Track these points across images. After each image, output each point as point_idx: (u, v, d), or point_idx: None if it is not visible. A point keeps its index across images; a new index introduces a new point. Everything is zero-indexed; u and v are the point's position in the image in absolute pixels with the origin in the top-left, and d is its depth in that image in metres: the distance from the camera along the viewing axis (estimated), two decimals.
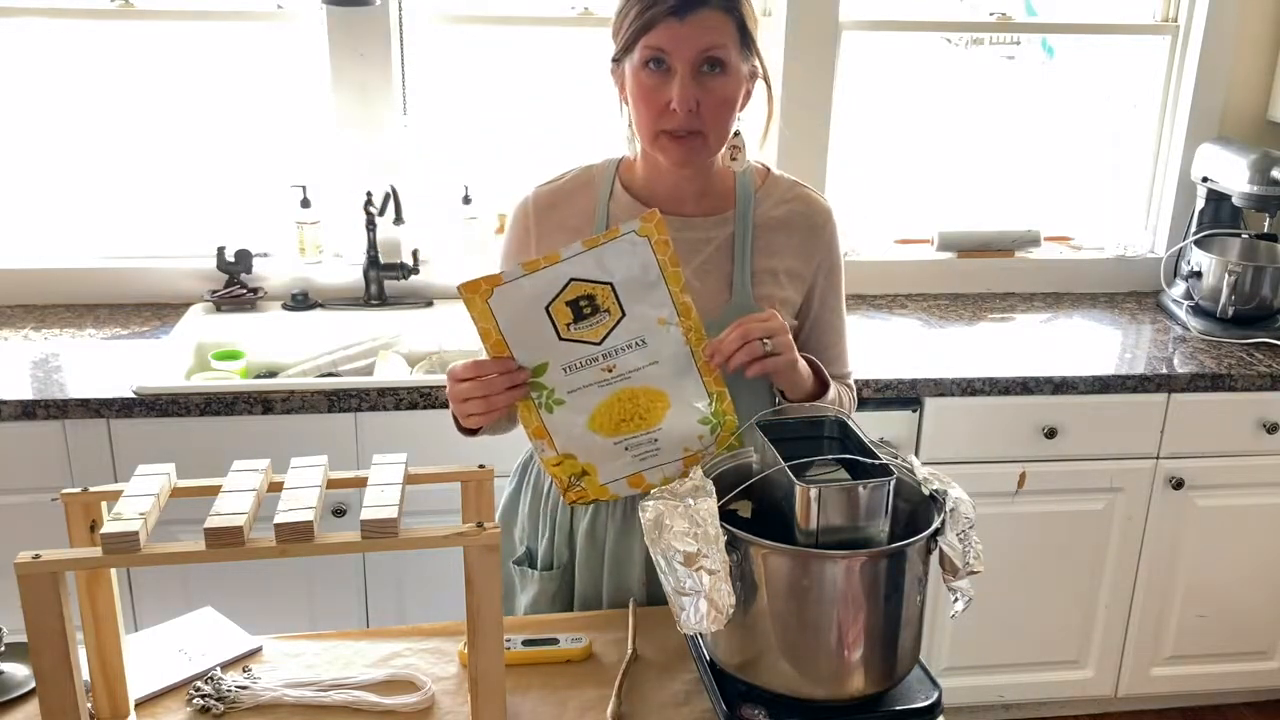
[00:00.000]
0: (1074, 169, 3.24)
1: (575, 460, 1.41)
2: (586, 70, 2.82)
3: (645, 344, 1.35)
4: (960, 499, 1.24)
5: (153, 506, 1.13)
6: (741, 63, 1.44)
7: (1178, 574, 2.70)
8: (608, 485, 1.43)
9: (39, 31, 2.71)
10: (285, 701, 1.31)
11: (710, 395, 1.38)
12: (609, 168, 1.58)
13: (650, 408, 1.38)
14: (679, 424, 1.39)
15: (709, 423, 1.40)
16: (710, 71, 1.41)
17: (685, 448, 1.41)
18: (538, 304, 1.31)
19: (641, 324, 1.34)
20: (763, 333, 1.36)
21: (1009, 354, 2.64)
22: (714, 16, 1.39)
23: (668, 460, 1.41)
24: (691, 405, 1.38)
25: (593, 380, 1.36)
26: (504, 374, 1.34)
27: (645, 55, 1.41)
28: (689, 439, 1.40)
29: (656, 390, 1.37)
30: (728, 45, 1.40)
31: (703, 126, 1.42)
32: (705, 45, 1.39)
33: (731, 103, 1.44)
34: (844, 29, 2.83)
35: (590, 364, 1.35)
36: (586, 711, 1.31)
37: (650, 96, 1.42)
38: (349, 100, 2.71)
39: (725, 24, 1.40)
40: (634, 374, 1.36)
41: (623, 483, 1.43)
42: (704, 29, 1.39)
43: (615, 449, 1.40)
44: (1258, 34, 2.95)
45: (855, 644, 1.20)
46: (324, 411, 2.29)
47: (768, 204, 1.56)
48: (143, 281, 2.77)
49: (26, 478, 2.26)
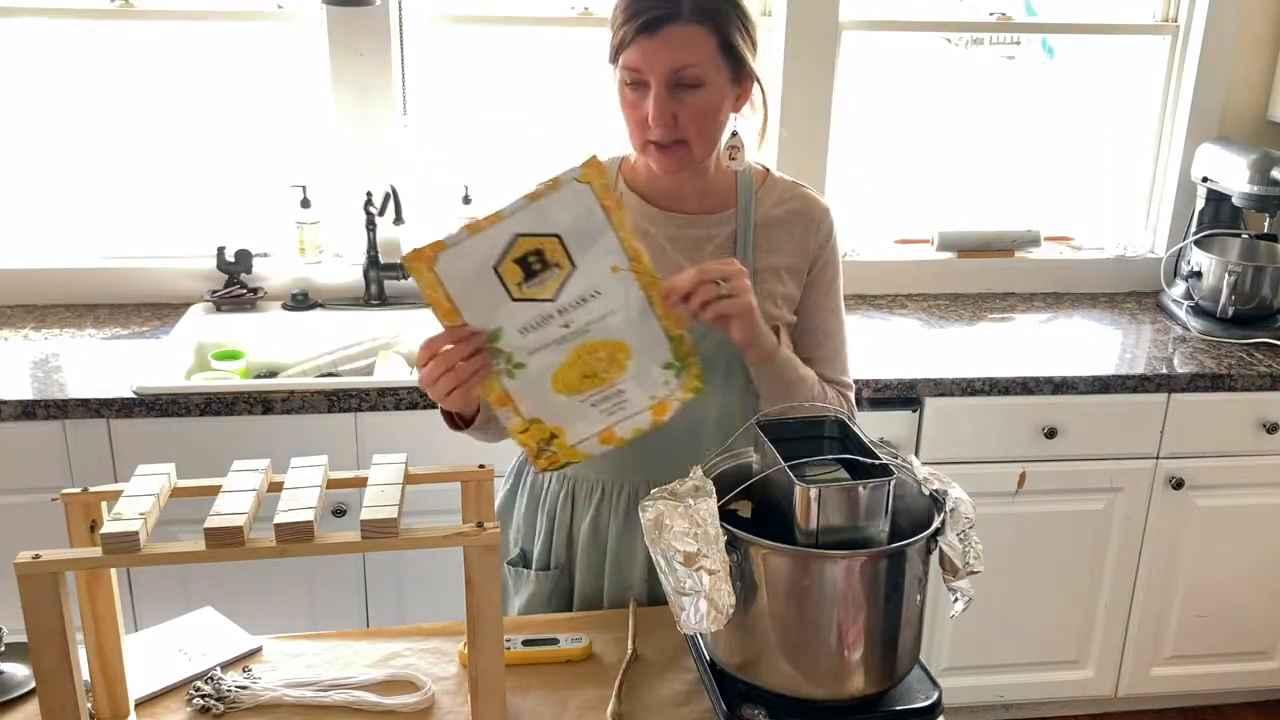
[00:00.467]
0: (1074, 169, 3.24)
1: (543, 424, 1.37)
2: (586, 70, 2.82)
3: (600, 294, 1.30)
4: (960, 499, 1.24)
5: (153, 506, 1.13)
6: (723, 74, 1.42)
7: (1178, 574, 2.70)
8: (578, 446, 1.38)
9: (39, 31, 2.71)
10: (285, 701, 1.31)
11: (671, 339, 1.34)
12: (612, 166, 1.58)
13: (612, 359, 1.34)
14: (643, 372, 1.35)
15: (672, 367, 1.36)
16: (685, 86, 1.40)
17: (652, 395, 1.37)
18: (486, 265, 1.26)
19: (593, 274, 1.29)
20: (719, 274, 1.34)
21: (1009, 354, 2.64)
22: (687, 31, 1.38)
23: (636, 411, 1.37)
24: (653, 351, 1.34)
25: (551, 339, 1.31)
26: (461, 342, 1.29)
27: (624, 74, 1.42)
28: (655, 386, 1.36)
29: (617, 341, 1.33)
30: (700, 60, 1.39)
31: (685, 136, 1.43)
32: (676, 63, 1.38)
33: (711, 113, 1.43)
34: (844, 29, 2.83)
35: (547, 322, 1.30)
36: (586, 711, 1.31)
37: (632, 110, 1.44)
38: (349, 100, 2.71)
39: (700, 37, 1.39)
40: (592, 327, 1.31)
41: (593, 441, 1.38)
42: (674, 45, 1.38)
43: (582, 407, 1.36)
44: (1258, 34, 2.95)
45: (855, 644, 1.20)
46: (324, 411, 2.29)
47: (768, 203, 1.56)
48: (143, 281, 2.77)
49: (26, 478, 2.26)
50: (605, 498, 1.58)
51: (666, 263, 1.53)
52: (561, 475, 1.60)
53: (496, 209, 1.26)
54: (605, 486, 1.58)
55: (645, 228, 1.54)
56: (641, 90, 1.42)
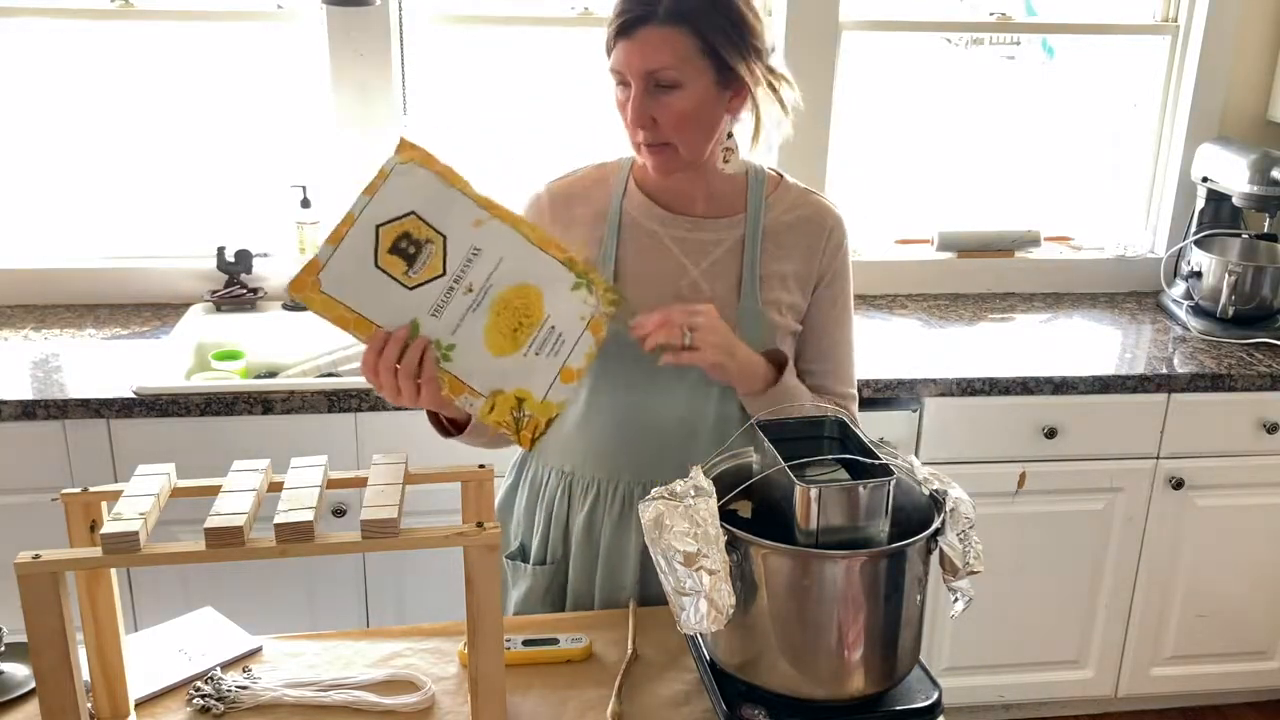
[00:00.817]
0: (1074, 169, 3.24)
1: (505, 393, 1.36)
2: (587, 70, 2.81)
3: (480, 250, 1.30)
4: (960, 499, 1.24)
5: (153, 506, 1.13)
6: (704, 75, 1.41)
7: (1178, 574, 2.70)
8: (547, 398, 1.37)
9: (39, 31, 2.71)
10: (285, 701, 1.31)
11: (563, 263, 1.34)
12: (623, 166, 1.58)
13: (529, 302, 1.33)
14: (561, 301, 1.35)
15: (581, 285, 1.35)
16: (661, 88, 1.40)
17: (581, 317, 1.36)
18: (366, 266, 1.27)
19: (464, 235, 1.29)
20: (685, 322, 1.35)
21: (1009, 354, 2.64)
22: (661, 33, 1.38)
23: (576, 337, 1.36)
24: (557, 279, 1.34)
25: (464, 308, 1.32)
26: (389, 346, 1.30)
27: (612, 76, 1.44)
28: (579, 309, 1.36)
29: (521, 284, 1.33)
30: (674, 62, 1.39)
31: (666, 138, 1.43)
32: (650, 64, 1.39)
33: (690, 115, 1.42)
34: (844, 29, 2.83)
35: (450, 295, 1.30)
36: (586, 711, 1.31)
37: (621, 112, 1.45)
38: (349, 100, 2.71)
39: (677, 39, 1.38)
40: (492, 280, 1.32)
41: (557, 385, 1.37)
42: (648, 46, 1.39)
43: (527, 359, 1.35)
44: (1258, 34, 2.95)
45: (855, 644, 1.20)
46: (324, 411, 2.29)
47: (778, 209, 1.56)
48: (143, 281, 2.77)
49: (26, 478, 2.26)
50: (600, 496, 1.58)
51: (673, 265, 1.53)
52: (559, 471, 1.61)
53: (344, 214, 1.27)
54: (601, 485, 1.58)
55: (653, 229, 1.54)
56: (628, 90, 1.43)
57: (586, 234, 1.55)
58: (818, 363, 1.59)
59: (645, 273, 1.53)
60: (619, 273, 1.53)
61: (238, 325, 2.69)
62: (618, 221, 1.54)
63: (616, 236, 1.54)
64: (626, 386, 1.52)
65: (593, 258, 1.53)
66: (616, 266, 1.53)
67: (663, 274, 1.52)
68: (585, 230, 1.55)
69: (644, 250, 1.53)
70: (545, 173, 1.62)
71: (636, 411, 1.53)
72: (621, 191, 1.56)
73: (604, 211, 1.55)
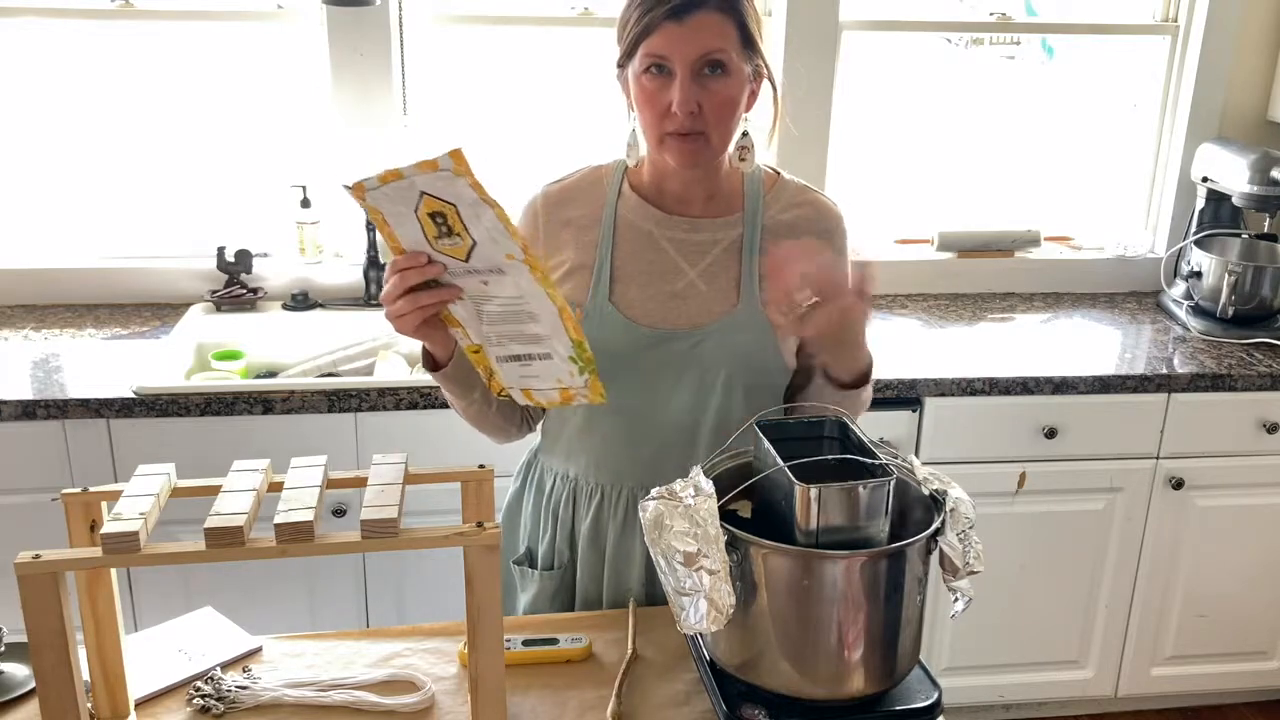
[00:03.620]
0: (1074, 169, 3.24)
1: (484, 356, 1.39)
2: (587, 70, 2.82)
3: (505, 274, 1.30)
4: (960, 499, 1.24)
5: (153, 506, 1.13)
6: (744, 64, 1.43)
7: (1178, 574, 2.70)
8: (506, 389, 1.42)
9: (39, 31, 2.71)
10: (285, 701, 1.31)
11: (573, 341, 1.34)
12: (618, 168, 1.57)
13: (527, 333, 1.34)
14: (554, 355, 1.35)
15: (577, 363, 1.36)
16: (711, 73, 1.40)
17: (559, 380, 1.38)
18: (408, 210, 1.27)
19: (493, 254, 1.28)
20: None
21: (1009, 354, 2.64)
22: (713, 18, 1.39)
23: (546, 387, 1.38)
24: (560, 342, 1.34)
25: (474, 291, 1.32)
26: (414, 267, 1.29)
27: (646, 61, 1.41)
28: (562, 374, 1.37)
29: (530, 319, 1.33)
30: (728, 47, 1.40)
31: (705, 128, 1.42)
32: (705, 48, 1.39)
33: (734, 103, 1.43)
34: (844, 29, 2.83)
35: (470, 275, 1.31)
36: (586, 711, 1.31)
37: (653, 100, 1.42)
38: (349, 100, 2.71)
39: (725, 25, 1.39)
40: (506, 301, 1.32)
41: (517, 392, 1.41)
42: (703, 31, 1.38)
43: (504, 362, 1.38)
44: (1258, 34, 2.95)
45: (855, 644, 1.20)
46: (324, 411, 2.29)
47: (776, 208, 1.56)
48: (143, 281, 2.77)
49: (26, 478, 2.26)
50: (605, 500, 1.58)
51: (669, 266, 1.53)
52: (564, 476, 1.61)
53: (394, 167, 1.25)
54: (605, 489, 1.57)
55: (648, 230, 1.53)
56: (663, 79, 1.40)
57: (581, 237, 1.54)
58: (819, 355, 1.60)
59: (641, 274, 1.52)
60: (615, 275, 1.52)
61: (238, 325, 2.69)
62: (613, 223, 1.53)
63: (612, 239, 1.53)
64: (627, 392, 1.52)
65: (588, 261, 1.53)
66: (612, 269, 1.52)
67: (659, 275, 1.52)
68: (577, 234, 1.54)
69: (640, 252, 1.53)
70: (545, 173, 1.62)
71: (638, 417, 1.53)
72: (616, 196, 1.55)
73: (599, 214, 1.54)
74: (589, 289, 1.51)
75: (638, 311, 1.51)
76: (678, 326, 1.51)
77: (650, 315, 1.51)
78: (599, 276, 1.51)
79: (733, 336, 1.50)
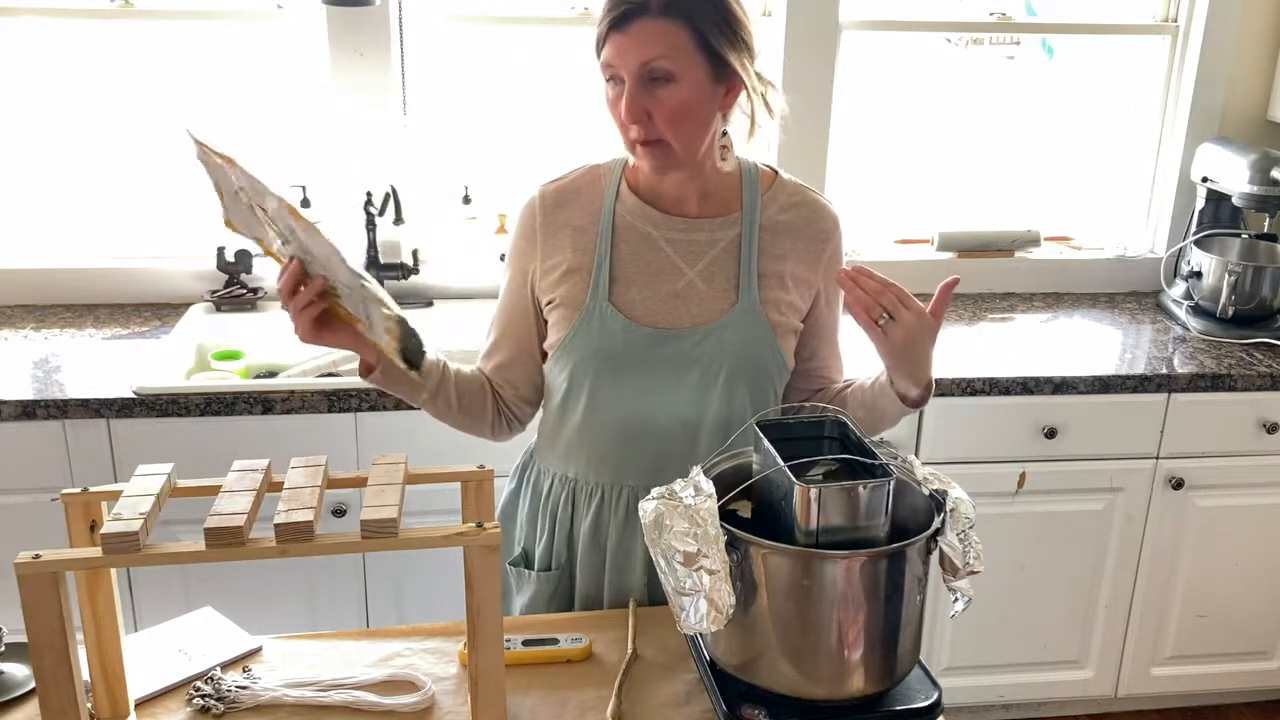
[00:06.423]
0: (1074, 169, 3.24)
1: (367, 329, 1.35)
2: (587, 70, 2.81)
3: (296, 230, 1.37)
4: (960, 499, 1.24)
5: (153, 506, 1.13)
6: (699, 70, 1.40)
7: (1178, 574, 2.70)
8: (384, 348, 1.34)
9: (39, 31, 2.71)
10: (285, 701, 1.31)
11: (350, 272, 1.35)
12: (615, 168, 1.57)
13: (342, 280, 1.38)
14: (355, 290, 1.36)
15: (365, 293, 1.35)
16: (656, 81, 1.39)
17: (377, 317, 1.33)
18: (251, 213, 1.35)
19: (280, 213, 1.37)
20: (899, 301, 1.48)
21: (1009, 354, 2.64)
22: (656, 25, 1.37)
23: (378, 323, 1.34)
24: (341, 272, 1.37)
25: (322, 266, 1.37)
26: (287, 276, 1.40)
27: (605, 71, 1.43)
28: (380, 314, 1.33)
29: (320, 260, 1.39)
30: (671, 54, 1.38)
31: (660, 134, 1.42)
32: (644, 56, 1.38)
33: (686, 110, 1.41)
34: (844, 29, 2.83)
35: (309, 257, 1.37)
36: (586, 711, 1.31)
37: (613, 109, 1.44)
38: (349, 100, 2.71)
39: (671, 31, 1.38)
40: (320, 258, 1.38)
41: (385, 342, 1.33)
42: (644, 39, 1.38)
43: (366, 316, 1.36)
44: (1258, 34, 2.95)
45: (855, 644, 1.20)
46: (324, 411, 2.29)
47: (774, 208, 1.55)
48: (143, 281, 2.77)
49: (26, 478, 2.26)
50: (605, 500, 1.58)
51: (668, 267, 1.52)
52: (562, 477, 1.60)
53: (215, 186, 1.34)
54: (605, 489, 1.57)
55: (647, 230, 1.53)
56: (620, 87, 1.41)
57: (579, 237, 1.54)
58: (819, 359, 1.63)
59: (641, 274, 1.52)
60: (614, 276, 1.52)
61: (238, 325, 2.69)
62: (610, 224, 1.53)
63: (610, 239, 1.53)
64: (627, 392, 1.52)
65: (586, 262, 1.52)
66: (611, 269, 1.52)
67: (658, 276, 1.52)
68: (575, 235, 1.54)
69: (638, 252, 1.53)
70: (544, 173, 1.61)
71: (638, 417, 1.53)
72: (614, 193, 1.55)
73: (597, 214, 1.54)
74: (588, 289, 1.51)
75: (638, 312, 1.51)
76: (678, 326, 1.51)
77: (650, 315, 1.51)
78: (598, 277, 1.51)
79: (733, 335, 1.51)
